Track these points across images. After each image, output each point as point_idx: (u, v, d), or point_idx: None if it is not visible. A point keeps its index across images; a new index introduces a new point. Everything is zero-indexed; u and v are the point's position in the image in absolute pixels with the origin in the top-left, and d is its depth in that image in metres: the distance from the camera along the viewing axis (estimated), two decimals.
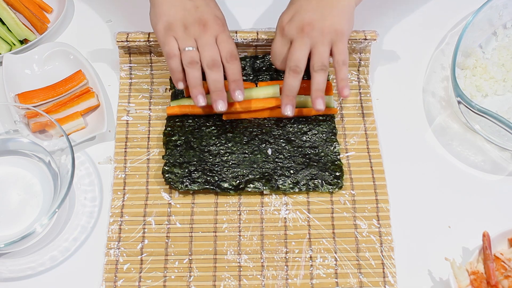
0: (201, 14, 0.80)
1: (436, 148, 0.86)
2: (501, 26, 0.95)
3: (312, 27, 0.78)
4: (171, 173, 0.81)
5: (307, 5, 0.80)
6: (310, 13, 0.79)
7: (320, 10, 0.79)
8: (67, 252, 0.78)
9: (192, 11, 0.80)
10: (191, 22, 0.80)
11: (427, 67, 0.94)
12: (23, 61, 0.91)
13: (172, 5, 0.81)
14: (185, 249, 0.78)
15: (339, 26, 0.79)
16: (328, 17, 0.79)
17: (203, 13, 0.81)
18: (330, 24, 0.78)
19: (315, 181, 0.81)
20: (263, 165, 0.82)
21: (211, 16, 0.81)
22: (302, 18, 0.79)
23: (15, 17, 0.96)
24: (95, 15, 0.99)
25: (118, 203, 0.81)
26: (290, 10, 0.81)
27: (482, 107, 0.79)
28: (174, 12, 0.80)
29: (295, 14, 0.80)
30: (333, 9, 0.79)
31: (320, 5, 0.79)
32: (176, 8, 0.80)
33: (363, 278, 0.76)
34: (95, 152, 0.86)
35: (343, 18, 0.79)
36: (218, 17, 0.82)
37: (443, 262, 0.73)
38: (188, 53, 0.79)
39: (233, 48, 0.81)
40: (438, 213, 0.81)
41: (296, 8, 0.81)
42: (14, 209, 0.80)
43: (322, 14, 0.79)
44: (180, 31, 0.80)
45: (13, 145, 0.85)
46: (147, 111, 0.88)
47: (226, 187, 0.80)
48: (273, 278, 0.76)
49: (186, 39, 0.80)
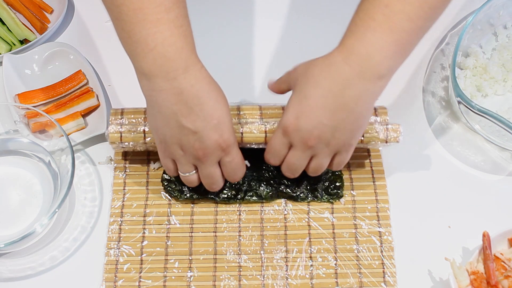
0: (199, 142, 0.69)
1: (436, 148, 0.86)
2: (501, 26, 0.95)
3: (319, 140, 0.69)
4: (170, 182, 0.80)
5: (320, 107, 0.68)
6: (321, 122, 0.68)
7: (334, 118, 0.68)
8: (67, 252, 0.78)
9: (190, 138, 0.68)
10: (188, 150, 0.70)
11: (427, 67, 0.94)
12: (23, 61, 0.91)
13: (166, 124, 0.69)
14: (185, 249, 0.78)
15: (350, 138, 0.71)
16: (340, 128, 0.69)
17: (202, 141, 0.69)
18: (340, 136, 0.69)
19: (316, 192, 0.81)
20: (263, 173, 0.81)
21: (212, 142, 0.69)
22: (311, 129, 0.68)
23: (15, 17, 0.96)
24: (95, 15, 0.99)
25: (118, 203, 0.81)
26: (300, 106, 0.69)
27: (482, 107, 0.79)
28: (170, 134, 0.69)
29: (304, 117, 0.68)
30: (350, 116, 0.68)
31: (337, 108, 0.68)
32: (171, 129, 0.69)
33: (363, 278, 0.76)
34: (95, 152, 0.86)
35: (358, 127, 0.70)
36: (219, 140, 0.69)
37: (443, 262, 0.73)
38: (187, 178, 0.74)
39: (237, 171, 0.73)
40: (438, 213, 0.81)
41: (307, 104, 0.68)
42: (14, 209, 0.80)
43: (335, 124, 0.68)
44: (177, 154, 0.71)
45: (13, 145, 0.85)
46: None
47: (225, 197, 0.80)
48: (273, 278, 0.76)
49: (184, 165, 0.72)
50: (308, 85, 0.69)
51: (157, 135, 0.72)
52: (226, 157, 0.72)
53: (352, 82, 0.67)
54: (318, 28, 0.97)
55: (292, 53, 0.95)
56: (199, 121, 0.68)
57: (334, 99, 0.68)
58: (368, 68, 0.67)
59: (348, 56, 0.67)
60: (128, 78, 0.92)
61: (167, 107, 0.68)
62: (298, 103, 0.69)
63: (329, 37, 0.71)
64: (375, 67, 0.67)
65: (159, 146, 0.73)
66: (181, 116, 0.68)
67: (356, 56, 0.67)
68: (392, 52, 0.66)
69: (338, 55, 0.68)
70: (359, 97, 0.68)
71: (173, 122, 0.68)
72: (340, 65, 0.67)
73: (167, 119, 0.68)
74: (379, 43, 0.66)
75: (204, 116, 0.68)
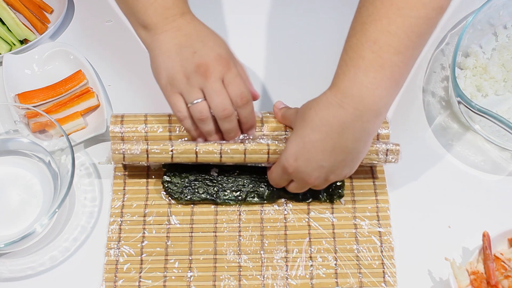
0: (199, 59, 0.72)
1: (436, 148, 0.86)
2: (501, 26, 0.95)
3: (319, 180, 0.73)
4: (171, 183, 0.80)
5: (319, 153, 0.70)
6: (320, 166, 0.71)
7: (332, 160, 0.71)
8: (67, 252, 0.78)
9: (190, 58, 0.72)
10: (191, 71, 0.72)
11: (427, 67, 0.94)
12: (23, 61, 0.91)
13: (167, 57, 0.73)
14: (185, 249, 0.78)
15: (348, 173, 0.74)
16: (338, 168, 0.72)
17: (202, 57, 0.72)
18: (339, 173, 0.73)
19: (316, 192, 0.80)
20: (264, 176, 0.81)
21: (211, 58, 0.72)
22: (310, 173, 0.72)
23: (15, 17, 0.96)
24: (95, 15, 0.99)
25: (118, 203, 0.81)
26: (300, 149, 0.71)
27: (482, 107, 0.79)
28: (171, 64, 0.73)
29: (303, 160, 0.71)
30: (347, 156, 0.71)
31: (334, 152, 0.70)
32: (172, 59, 0.73)
33: (363, 278, 0.76)
34: (95, 152, 0.86)
35: (356, 165, 0.73)
36: (220, 56, 0.73)
37: (443, 262, 0.73)
38: (196, 107, 0.73)
39: (242, 89, 0.73)
40: (438, 213, 0.81)
41: (307, 151, 0.71)
42: (14, 209, 0.80)
43: (333, 166, 0.71)
44: (182, 84, 0.72)
45: (13, 145, 0.85)
46: None
47: (226, 198, 0.80)
48: (273, 278, 0.76)
49: (190, 91, 0.73)
50: (306, 130, 0.70)
51: (160, 75, 0.74)
52: (229, 73, 0.73)
53: (350, 126, 0.68)
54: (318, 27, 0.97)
55: (291, 53, 0.95)
56: (197, 43, 0.73)
57: (332, 142, 0.69)
58: (364, 110, 0.67)
59: (342, 100, 0.68)
60: (128, 78, 0.93)
61: (168, 42, 0.74)
62: (297, 145, 0.71)
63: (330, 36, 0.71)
64: (370, 108, 0.67)
65: (164, 87, 0.74)
66: (180, 45, 0.73)
67: (351, 99, 0.67)
68: (386, 89, 0.67)
69: (333, 98, 0.69)
70: (357, 138, 0.69)
71: (173, 52, 0.73)
72: (335, 109, 0.68)
73: (168, 53, 0.73)
74: (373, 83, 0.66)
75: (201, 39, 0.74)
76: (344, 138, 0.69)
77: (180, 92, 0.73)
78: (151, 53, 0.75)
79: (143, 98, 0.90)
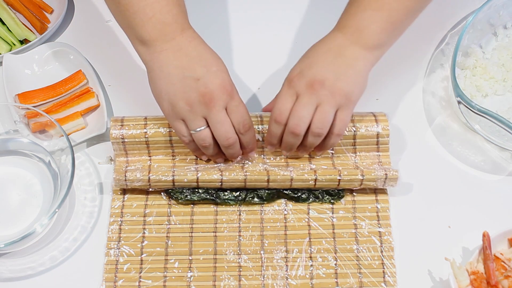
0: (203, 87, 0.71)
1: (436, 148, 0.86)
2: (501, 26, 0.95)
3: (322, 85, 0.72)
4: None
5: (321, 61, 0.74)
6: (323, 69, 0.73)
7: (334, 68, 0.73)
8: (67, 252, 0.78)
9: (193, 85, 0.71)
10: (194, 100, 0.71)
11: (427, 67, 0.94)
12: (23, 61, 0.91)
13: (169, 82, 0.72)
14: (185, 249, 0.78)
15: (351, 90, 0.73)
16: (341, 78, 0.73)
17: (205, 85, 0.71)
18: (342, 86, 0.73)
19: (316, 192, 0.81)
20: None
21: (215, 87, 0.71)
22: (314, 74, 0.73)
23: (15, 17, 0.96)
24: (95, 15, 0.99)
25: (118, 203, 0.81)
26: (302, 63, 0.75)
27: (482, 107, 0.79)
28: (173, 90, 0.72)
29: (307, 68, 0.74)
30: (348, 70, 0.73)
31: (335, 62, 0.73)
32: (175, 85, 0.72)
33: (363, 278, 0.76)
34: (95, 152, 0.86)
35: (357, 82, 0.74)
36: (223, 83, 0.72)
37: (443, 262, 0.73)
38: (199, 135, 0.73)
39: (245, 117, 0.74)
40: (438, 213, 0.81)
41: (309, 61, 0.75)
42: (14, 209, 0.80)
43: (336, 73, 0.73)
44: (185, 111, 0.72)
45: (13, 145, 0.85)
46: None
47: (226, 198, 0.80)
48: (273, 278, 0.76)
49: (193, 119, 0.72)
50: (307, 54, 0.77)
51: (162, 99, 0.73)
52: (232, 101, 0.73)
53: (348, 48, 0.74)
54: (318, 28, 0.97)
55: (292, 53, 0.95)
56: (200, 68, 0.72)
57: (333, 57, 0.74)
58: (360, 38, 0.74)
59: (341, 29, 0.76)
60: (128, 78, 0.93)
61: (168, 64, 0.72)
62: (300, 62, 0.76)
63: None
64: (366, 38, 0.74)
65: (166, 111, 0.74)
66: (182, 69, 0.72)
67: (348, 28, 0.75)
68: (381, 27, 0.74)
69: (333, 31, 0.77)
70: (355, 57, 0.74)
71: (175, 77, 0.72)
72: (334, 34, 0.76)
73: (169, 76, 0.72)
74: (369, 19, 0.74)
75: (204, 63, 0.72)
76: (343, 55, 0.74)
77: (182, 118, 0.73)
78: (150, 72, 0.74)
79: (143, 98, 0.89)
